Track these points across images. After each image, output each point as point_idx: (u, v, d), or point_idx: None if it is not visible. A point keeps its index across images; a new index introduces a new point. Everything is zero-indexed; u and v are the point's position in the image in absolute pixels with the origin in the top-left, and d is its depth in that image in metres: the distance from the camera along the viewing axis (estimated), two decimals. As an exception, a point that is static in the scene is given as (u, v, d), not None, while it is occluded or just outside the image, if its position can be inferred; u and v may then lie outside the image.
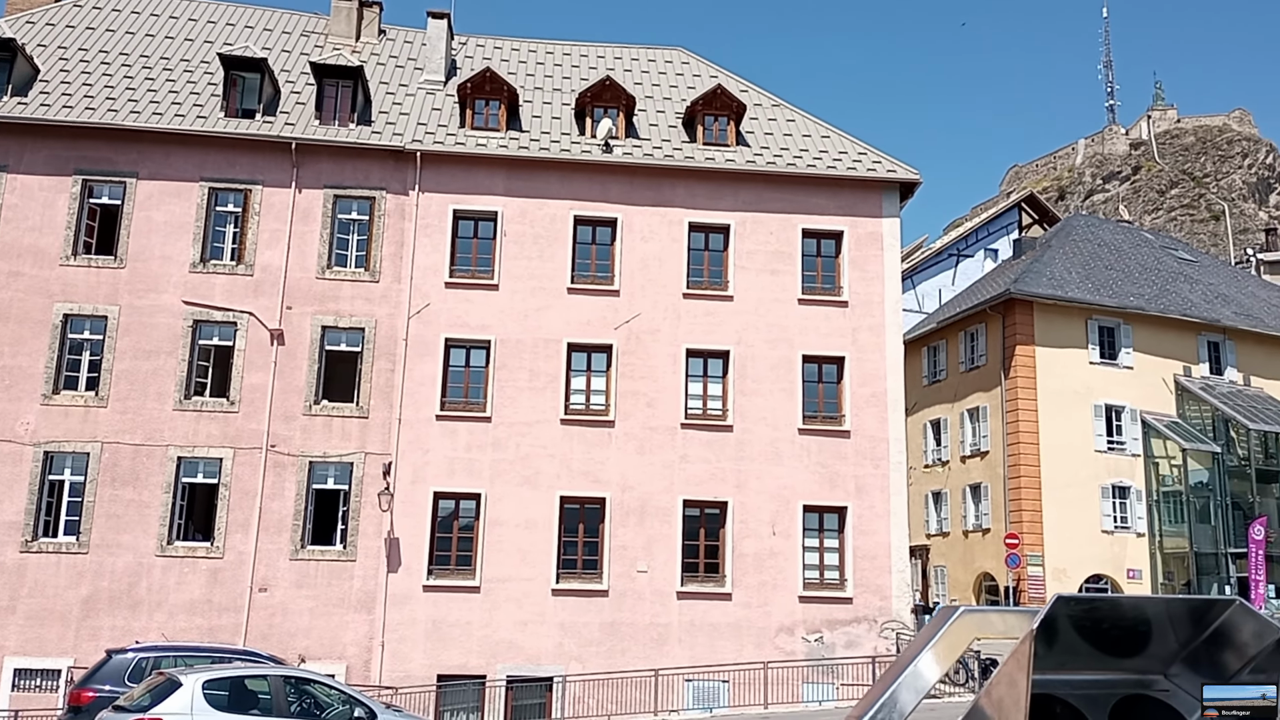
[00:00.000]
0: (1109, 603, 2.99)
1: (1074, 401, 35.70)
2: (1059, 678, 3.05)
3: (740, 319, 24.25)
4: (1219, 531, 35.52)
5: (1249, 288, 45.93)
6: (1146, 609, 3.04)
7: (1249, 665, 3.03)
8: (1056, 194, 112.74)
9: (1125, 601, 2.98)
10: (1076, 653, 2.98)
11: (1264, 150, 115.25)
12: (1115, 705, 3.16)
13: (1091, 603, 2.95)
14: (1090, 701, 3.12)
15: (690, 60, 29.48)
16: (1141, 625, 3.03)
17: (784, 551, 23.27)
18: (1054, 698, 3.08)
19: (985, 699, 2.91)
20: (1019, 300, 35.86)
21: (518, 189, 24.35)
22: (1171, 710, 3.18)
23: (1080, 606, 2.90)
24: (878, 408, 24.29)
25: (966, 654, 22.94)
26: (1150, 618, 3.04)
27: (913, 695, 2.96)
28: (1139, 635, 3.05)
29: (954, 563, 37.98)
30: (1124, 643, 3.07)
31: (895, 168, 25.59)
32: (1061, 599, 2.80)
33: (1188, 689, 3.17)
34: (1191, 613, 3.04)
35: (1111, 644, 3.05)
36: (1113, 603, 2.99)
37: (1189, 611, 3.05)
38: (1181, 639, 3.09)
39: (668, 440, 23.42)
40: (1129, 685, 3.16)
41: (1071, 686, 3.10)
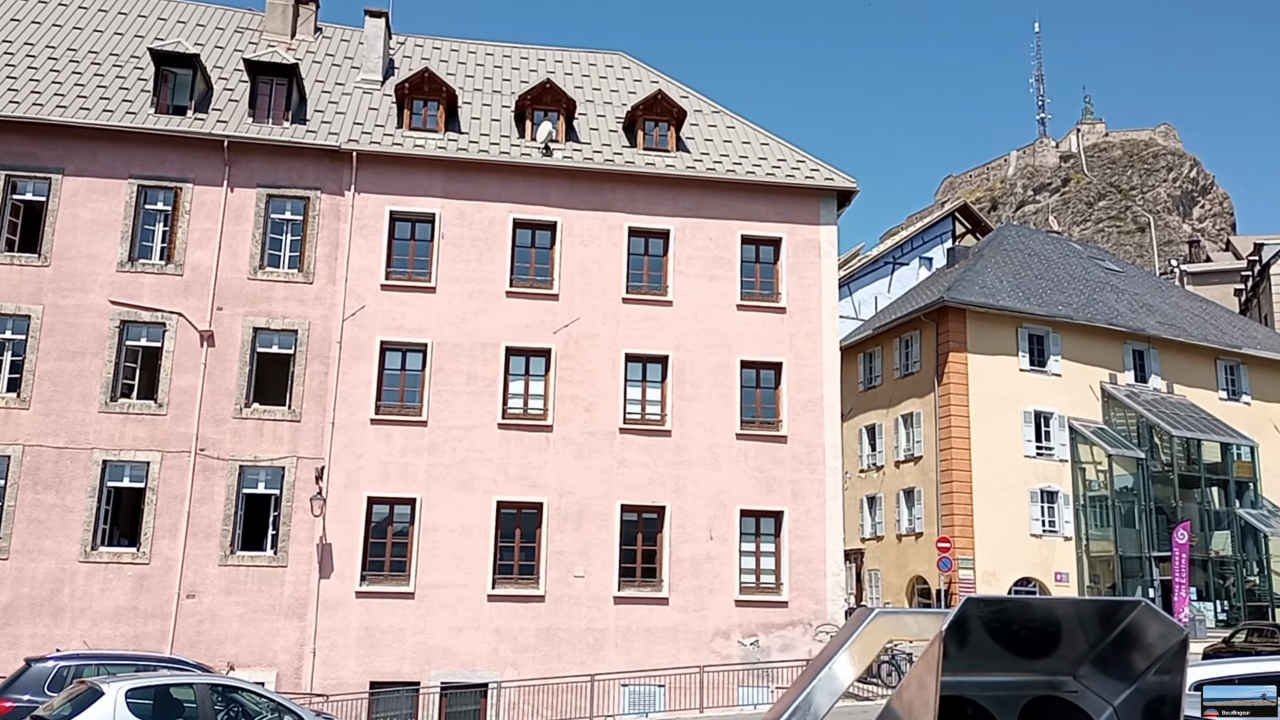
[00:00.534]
0: (1018, 604, 3.00)
1: (1004, 408, 36.39)
2: (970, 679, 3.06)
3: (679, 324, 24.31)
4: (1143, 535, 36.43)
5: (1173, 298, 47.23)
6: (1055, 610, 3.05)
7: (1154, 666, 3.07)
8: (989, 204, 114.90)
9: (1035, 603, 3.00)
10: (987, 654, 2.99)
11: (1188, 164, 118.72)
12: (1025, 707, 3.18)
13: (1001, 604, 2.96)
14: (1000, 703, 3.13)
15: (631, 65, 29.53)
16: (1051, 626, 3.05)
17: (721, 556, 23.35)
18: (965, 699, 3.08)
19: (896, 701, 2.92)
20: (952, 308, 36.47)
21: (456, 191, 24.16)
22: (1080, 711, 3.20)
23: (990, 608, 2.91)
24: (814, 413, 24.50)
25: (900, 656, 23.22)
26: (1059, 619, 3.06)
27: (827, 697, 2.97)
28: (1049, 636, 3.07)
29: (888, 566, 38.48)
30: (1034, 644, 3.09)
31: (833, 176, 25.87)
32: (971, 600, 2.81)
33: (1096, 690, 3.20)
34: (1099, 614, 3.07)
35: (1022, 645, 3.06)
36: (1022, 604, 3.01)
37: (1097, 612, 3.07)
38: (1090, 640, 3.11)
39: (606, 445, 23.38)
40: (1039, 686, 3.18)
41: (982, 688, 3.10)
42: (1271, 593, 38.53)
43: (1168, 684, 2.99)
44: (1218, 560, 38.30)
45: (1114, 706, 3.12)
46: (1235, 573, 38.53)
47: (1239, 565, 38.47)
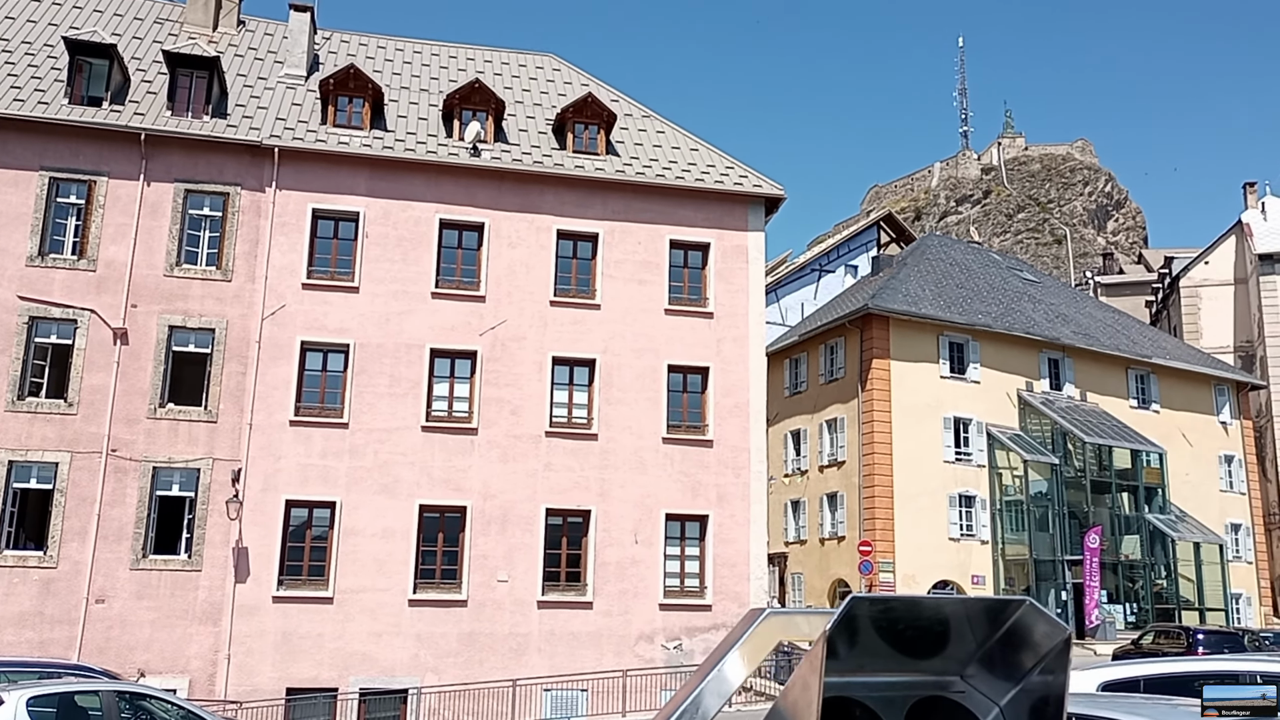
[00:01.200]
0: (906, 603, 3.00)
1: (925, 414, 37.05)
2: (857, 680, 3.05)
3: (607, 328, 24.29)
4: (1056, 539, 37.36)
5: (1087, 309, 48.59)
6: (943, 609, 3.06)
7: (1039, 665, 3.10)
8: (913, 214, 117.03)
9: (923, 601, 3.00)
10: (875, 654, 3.00)
11: (1103, 179, 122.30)
12: (912, 707, 3.18)
13: (888, 603, 2.96)
14: (887, 704, 3.13)
15: (561, 67, 29.45)
16: (938, 626, 3.06)
17: (646, 560, 23.37)
18: (852, 700, 3.07)
19: (782, 702, 2.90)
20: (876, 316, 37.03)
21: (381, 190, 23.82)
22: (967, 711, 3.21)
23: (877, 607, 2.91)
24: (740, 418, 24.67)
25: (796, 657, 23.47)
26: (947, 618, 3.06)
27: (716, 699, 2.94)
28: (936, 636, 3.09)
29: (810, 570, 38.90)
30: (922, 643, 3.09)
31: (761, 183, 26.08)
32: (857, 599, 2.80)
33: (983, 690, 3.21)
34: (986, 612, 3.08)
35: (909, 645, 3.07)
36: (910, 603, 3.01)
37: (984, 611, 3.08)
38: (978, 639, 3.13)
39: (532, 448, 23.25)
40: (926, 687, 3.18)
41: (869, 689, 3.10)
42: (1178, 595, 39.80)
43: (1052, 684, 3.02)
44: (1127, 564, 39.45)
45: (1000, 707, 3.14)
46: (1144, 576, 39.72)
47: (1148, 569, 39.67)
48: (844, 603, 2.74)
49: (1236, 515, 45.67)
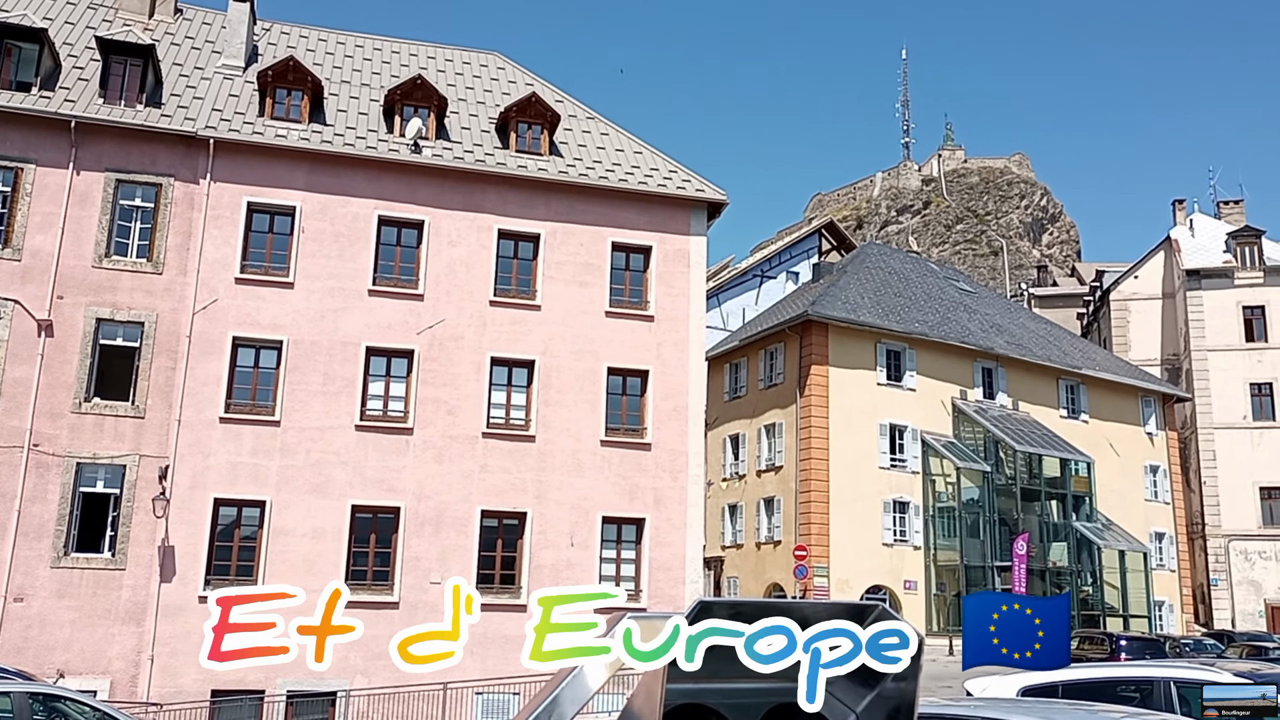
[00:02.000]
0: (757, 607, 2.94)
1: (862, 420, 37.46)
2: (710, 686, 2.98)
3: (547, 329, 24.19)
4: (986, 546, 38.01)
5: (1020, 319, 49.53)
6: (797, 613, 2.99)
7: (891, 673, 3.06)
8: (855, 223, 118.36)
9: (776, 606, 2.94)
10: (730, 660, 2.92)
11: (1039, 193, 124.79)
12: (767, 714, 3.09)
13: (739, 607, 2.90)
14: (741, 710, 3.05)
15: (506, 66, 29.29)
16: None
17: (581, 562, 23.30)
18: (705, 708, 2.98)
19: (628, 708, 2.85)
20: (815, 322, 37.37)
21: (319, 184, 23.47)
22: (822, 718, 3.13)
23: (728, 611, 2.85)
24: (679, 421, 24.72)
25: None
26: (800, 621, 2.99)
27: (573, 705, 2.89)
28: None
29: (746, 574, 39.11)
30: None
31: (704, 188, 26.17)
32: (706, 604, 2.73)
33: (839, 696, 3.14)
34: (840, 616, 3.02)
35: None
36: (762, 607, 2.95)
37: (838, 615, 3.02)
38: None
39: (468, 449, 23.06)
40: (782, 693, 3.11)
41: (723, 695, 3.02)
42: (1103, 602, 40.72)
43: (905, 690, 2.97)
44: (1055, 570, 40.25)
45: (856, 713, 3.06)
46: (1070, 582, 40.54)
47: (1074, 575, 40.51)
48: (690, 606, 2.67)
49: (1160, 524, 46.86)
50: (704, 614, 2.75)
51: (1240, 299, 52.66)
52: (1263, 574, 49.40)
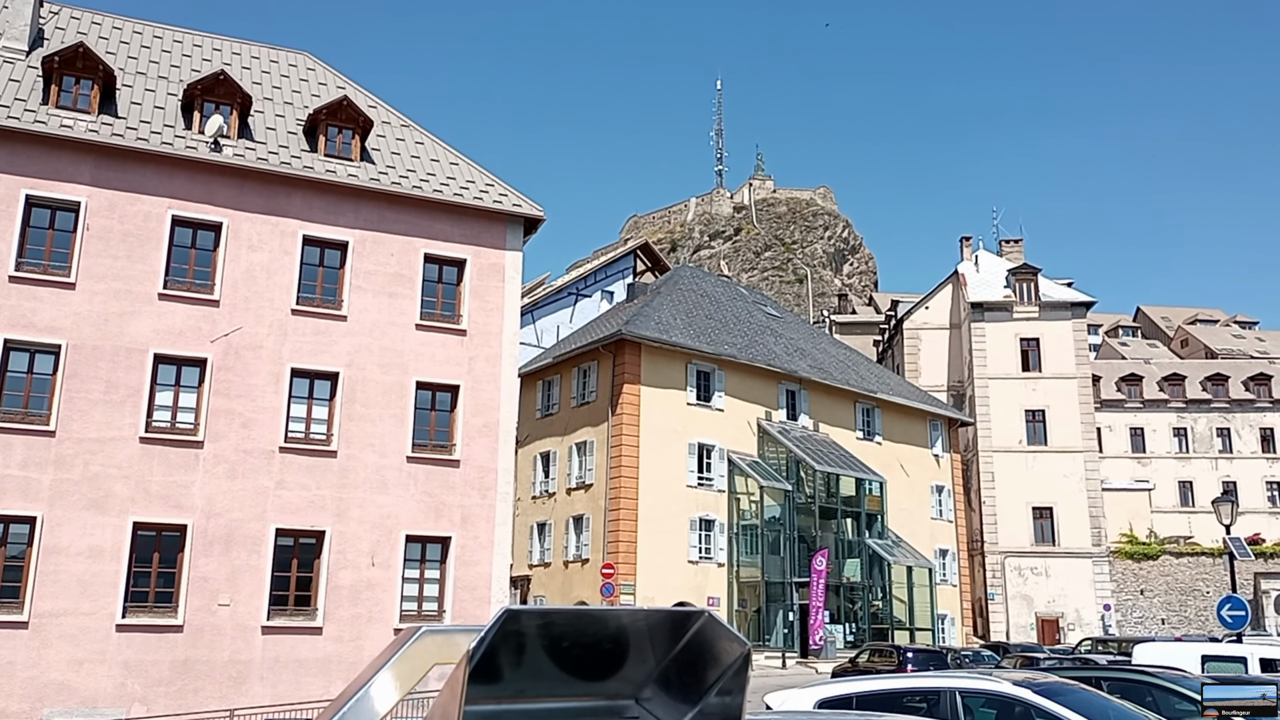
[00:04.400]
0: (569, 616, 2.73)
1: (671, 439, 38.04)
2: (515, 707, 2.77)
3: (353, 340, 23.36)
4: (787, 562, 39.23)
5: (822, 344, 51.62)
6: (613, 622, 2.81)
7: (718, 684, 2.93)
8: (669, 245, 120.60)
9: (588, 615, 2.74)
10: (540, 676, 2.73)
11: (842, 225, 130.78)
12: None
13: (547, 617, 2.70)
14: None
15: (317, 67, 28.26)
16: (607, 642, 2.82)
17: (382, 583, 22.54)
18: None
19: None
20: (629, 341, 37.73)
21: (108, 180, 21.91)
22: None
23: (534, 621, 2.65)
24: (489, 438, 24.33)
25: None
26: (620, 633, 2.82)
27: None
28: (607, 653, 2.84)
29: (553, 592, 38.92)
30: (592, 663, 2.83)
31: (521, 202, 25.98)
32: (510, 614, 2.53)
33: (658, 714, 2.99)
34: (665, 626, 2.86)
35: (580, 665, 2.81)
36: (574, 616, 2.75)
37: (662, 625, 2.85)
38: (655, 656, 2.91)
39: (263, 464, 21.95)
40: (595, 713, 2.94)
41: (528, 717, 2.81)
42: (892, 616, 42.72)
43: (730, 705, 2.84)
44: (849, 586, 41.96)
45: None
46: (863, 597, 42.37)
47: (866, 590, 42.36)
48: (494, 618, 2.48)
49: (944, 541, 49.68)
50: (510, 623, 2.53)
51: (1018, 331, 56.65)
52: (1034, 588, 53.09)
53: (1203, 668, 16.62)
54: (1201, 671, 15.96)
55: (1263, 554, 52.67)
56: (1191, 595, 53.04)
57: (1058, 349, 56.31)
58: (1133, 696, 11.65)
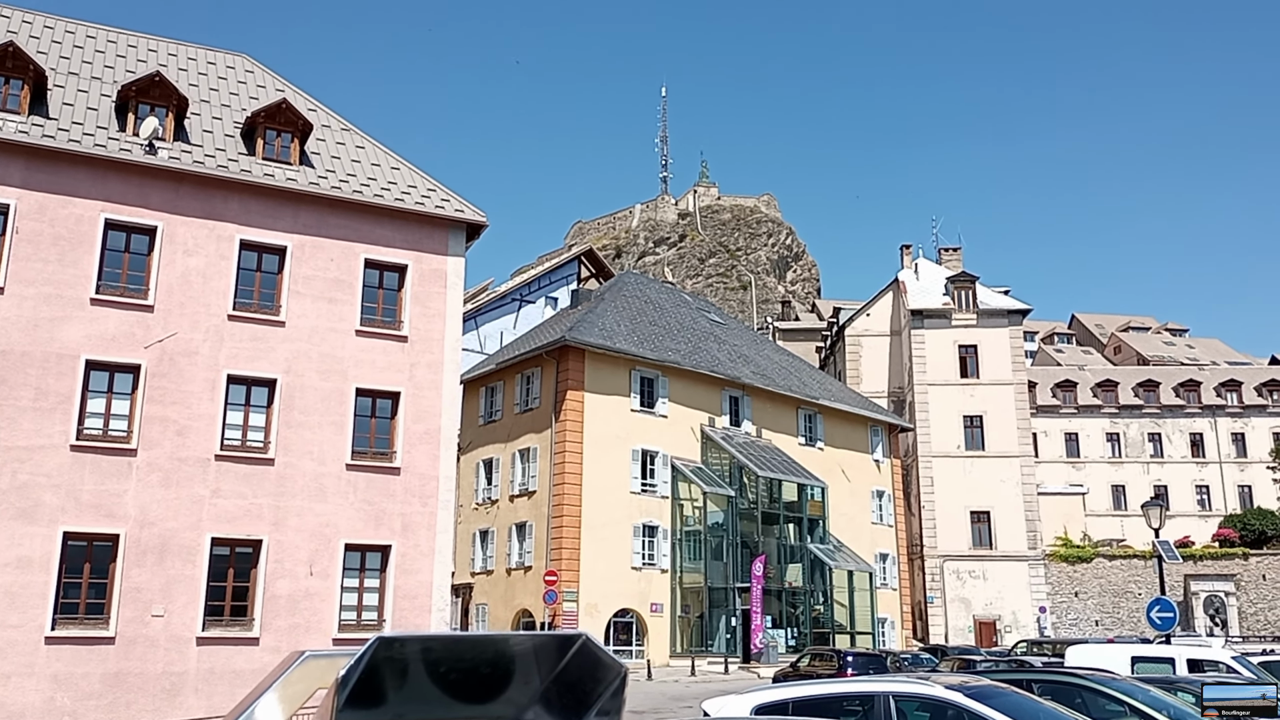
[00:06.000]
0: (446, 642, 2.76)
1: (615, 445, 38.08)
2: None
3: (291, 346, 23.05)
4: (729, 568, 39.44)
5: (765, 351, 52.02)
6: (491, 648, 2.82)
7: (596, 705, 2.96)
8: (614, 252, 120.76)
9: (466, 640, 2.78)
10: (421, 700, 2.73)
11: (785, 232, 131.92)
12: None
13: (423, 643, 2.72)
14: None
15: (255, 69, 27.86)
16: (488, 666, 2.84)
17: (321, 592, 22.26)
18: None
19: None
20: (572, 348, 37.71)
21: (38, 182, 21.39)
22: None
23: (409, 648, 2.66)
24: (430, 445, 24.15)
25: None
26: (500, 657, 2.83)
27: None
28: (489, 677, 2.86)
29: (496, 600, 38.72)
30: (474, 686, 2.85)
31: (464, 208, 25.85)
32: (383, 641, 2.56)
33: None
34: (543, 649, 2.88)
35: (460, 688, 2.82)
36: (450, 642, 2.77)
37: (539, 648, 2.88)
38: (535, 679, 2.93)
39: (199, 473, 21.56)
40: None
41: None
42: (833, 620, 43.12)
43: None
44: (791, 590, 42.29)
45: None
46: (805, 602, 42.72)
47: (808, 595, 42.72)
48: (366, 645, 2.48)
49: (885, 546, 50.29)
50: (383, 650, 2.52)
51: (956, 338, 57.61)
52: (972, 591, 53.95)
53: (1132, 669, 17.03)
54: (1131, 673, 16.37)
55: (1192, 556, 54.06)
56: (1124, 597, 54.27)
57: (995, 356, 57.33)
58: (1062, 698, 11.90)
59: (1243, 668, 17.33)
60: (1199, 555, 54.75)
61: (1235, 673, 16.83)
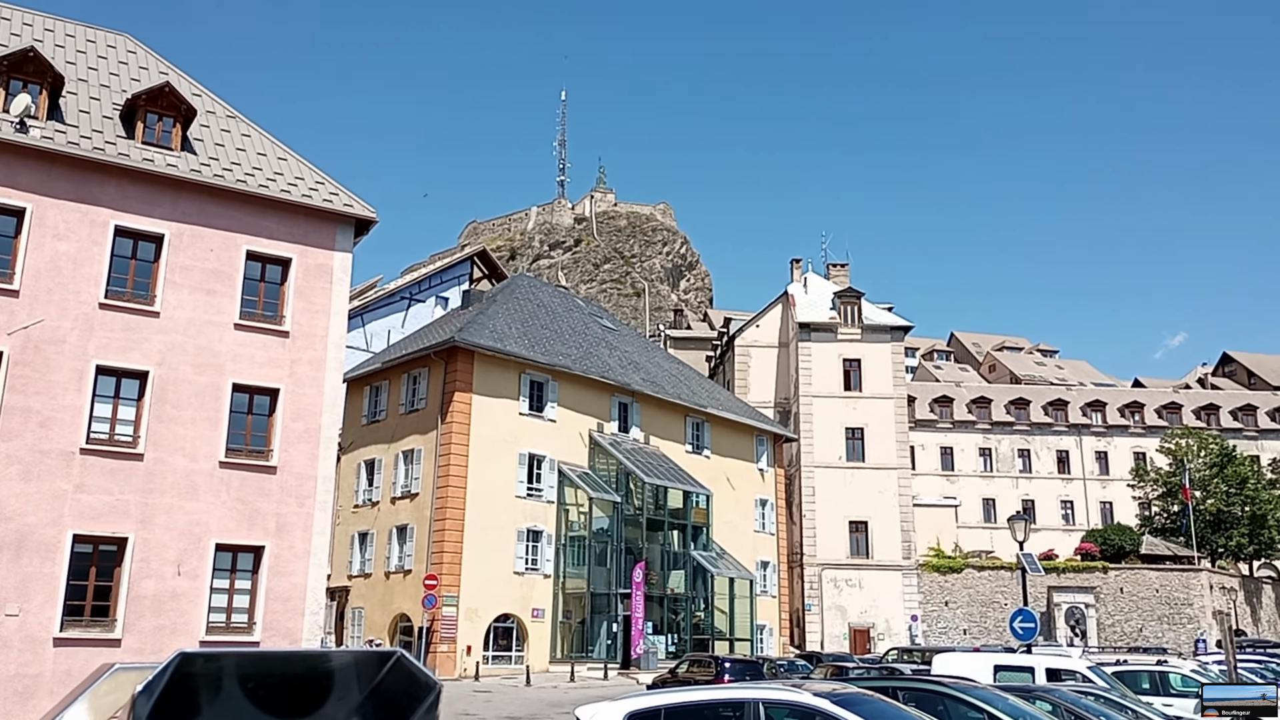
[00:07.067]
0: (253, 658, 2.76)
1: (502, 449, 37.82)
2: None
3: (166, 338, 22.24)
4: (612, 574, 39.55)
5: (656, 359, 52.37)
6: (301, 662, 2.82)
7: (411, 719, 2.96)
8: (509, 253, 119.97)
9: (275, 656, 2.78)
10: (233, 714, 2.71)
11: (680, 241, 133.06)
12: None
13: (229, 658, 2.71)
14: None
15: (138, 50, 26.84)
16: (298, 681, 2.84)
17: (189, 593, 21.51)
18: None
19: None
20: (462, 349, 37.32)
21: (-106, 155, 20.21)
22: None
23: (214, 663, 2.64)
24: (310, 444, 23.59)
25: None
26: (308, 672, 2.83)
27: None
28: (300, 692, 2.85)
29: (373, 604, 38.00)
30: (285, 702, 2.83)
31: (353, 202, 25.36)
32: (185, 656, 2.53)
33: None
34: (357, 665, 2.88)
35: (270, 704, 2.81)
36: (257, 658, 2.77)
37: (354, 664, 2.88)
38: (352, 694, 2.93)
39: (62, 466, 20.62)
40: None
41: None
42: (713, 627, 43.61)
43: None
44: (673, 597, 42.62)
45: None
46: (686, 608, 43.11)
47: (689, 602, 43.12)
48: (168, 659, 2.45)
49: (766, 553, 51.12)
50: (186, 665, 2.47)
51: (841, 352, 58.99)
52: (848, 599, 55.24)
53: (994, 677, 17.71)
54: (993, 680, 17.02)
55: (1055, 569, 56.37)
56: (991, 607, 56.26)
57: (877, 370, 58.86)
58: (926, 706, 12.32)
59: (1097, 677, 18.18)
60: (1062, 568, 57.14)
61: (1090, 682, 17.65)
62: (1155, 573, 56.99)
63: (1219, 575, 59.81)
